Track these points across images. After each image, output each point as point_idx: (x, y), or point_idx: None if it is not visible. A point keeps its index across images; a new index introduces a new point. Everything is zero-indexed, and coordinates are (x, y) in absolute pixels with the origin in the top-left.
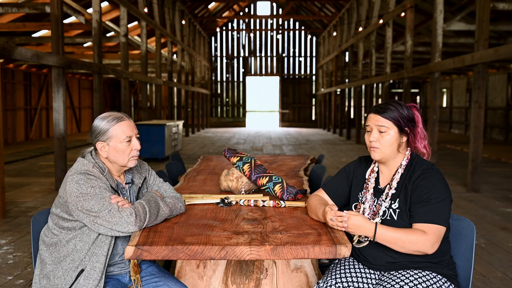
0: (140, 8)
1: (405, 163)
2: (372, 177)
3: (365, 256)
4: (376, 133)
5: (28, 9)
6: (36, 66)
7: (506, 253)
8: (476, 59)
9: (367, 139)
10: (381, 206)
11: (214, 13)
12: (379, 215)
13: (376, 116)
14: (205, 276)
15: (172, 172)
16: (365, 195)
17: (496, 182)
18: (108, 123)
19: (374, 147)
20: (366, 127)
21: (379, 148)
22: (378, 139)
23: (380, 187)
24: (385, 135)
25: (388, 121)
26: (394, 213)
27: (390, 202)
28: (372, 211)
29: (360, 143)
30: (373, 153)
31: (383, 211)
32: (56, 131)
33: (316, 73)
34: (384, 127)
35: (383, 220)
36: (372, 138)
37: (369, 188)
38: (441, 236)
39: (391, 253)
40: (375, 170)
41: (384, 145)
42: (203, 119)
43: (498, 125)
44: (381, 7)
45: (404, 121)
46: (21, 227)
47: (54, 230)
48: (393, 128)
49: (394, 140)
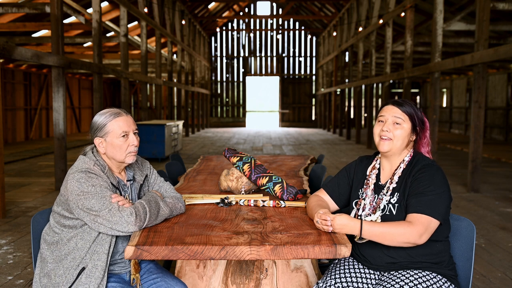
0: (140, 8)
1: (408, 159)
2: (373, 173)
3: (365, 256)
4: (391, 124)
5: (28, 9)
6: (36, 66)
7: (506, 253)
8: (476, 59)
9: (377, 129)
10: (382, 200)
11: (214, 13)
12: (380, 209)
13: (394, 108)
14: (205, 276)
15: (172, 172)
16: (366, 191)
17: (496, 182)
18: (106, 119)
19: (385, 138)
20: (379, 118)
21: (391, 140)
22: (391, 130)
23: (380, 183)
24: (399, 128)
25: (406, 115)
26: (394, 207)
27: (389, 197)
28: (372, 207)
29: (360, 143)
30: (383, 144)
31: (383, 205)
32: (56, 131)
33: (316, 73)
34: (400, 119)
35: (384, 215)
36: (386, 128)
37: (370, 184)
38: (431, 229)
39: (391, 253)
40: (376, 166)
41: (396, 137)
42: (203, 119)
43: (498, 125)
44: (381, 7)
45: (418, 120)
46: (21, 227)
47: (55, 228)
48: (408, 123)
49: (406, 135)
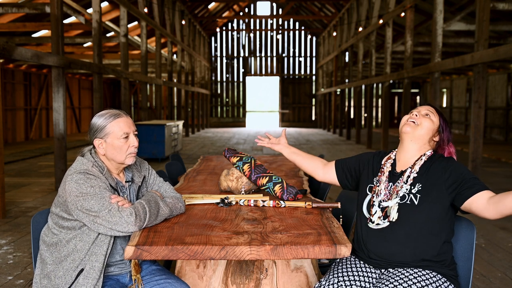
0: (140, 8)
1: (430, 154)
2: (388, 163)
3: (368, 251)
4: (422, 113)
5: (28, 9)
6: (36, 66)
7: (506, 253)
8: (476, 59)
9: (405, 117)
10: (401, 187)
11: (214, 13)
12: (398, 196)
13: (428, 107)
14: (205, 276)
15: (172, 172)
16: (380, 178)
17: (496, 182)
18: (106, 120)
19: (412, 120)
20: (412, 110)
21: (418, 125)
22: (421, 117)
23: (396, 171)
24: (428, 119)
25: (437, 114)
26: (415, 198)
27: (410, 187)
28: (388, 193)
29: (360, 143)
30: (407, 126)
31: (403, 195)
32: (56, 131)
33: (316, 73)
34: (431, 114)
35: (402, 204)
36: (416, 113)
37: (385, 172)
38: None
39: (394, 249)
40: (392, 157)
41: (422, 125)
42: (203, 119)
43: (498, 125)
44: (381, 7)
45: (445, 124)
46: (21, 227)
47: (54, 230)
48: (436, 118)
49: (431, 129)
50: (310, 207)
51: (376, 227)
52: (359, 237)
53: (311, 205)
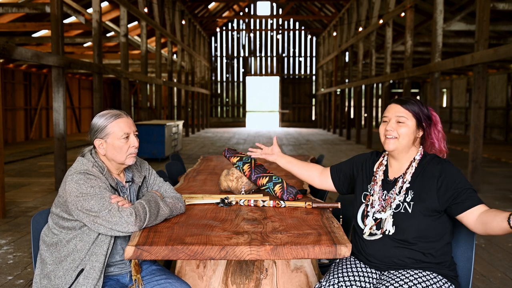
0: (140, 8)
1: (419, 158)
2: (380, 170)
3: (367, 255)
4: (394, 123)
5: (28, 9)
6: (36, 66)
7: (506, 253)
8: (476, 59)
9: (382, 129)
10: (394, 199)
11: (214, 13)
12: (391, 207)
13: (397, 106)
14: (205, 276)
15: (172, 172)
16: (374, 187)
17: (496, 182)
18: (106, 120)
19: (389, 137)
20: (384, 118)
21: (397, 138)
22: (395, 128)
23: (389, 179)
24: (403, 126)
25: (409, 112)
26: (409, 206)
27: (404, 196)
28: (382, 203)
29: (360, 143)
30: (388, 143)
31: (397, 204)
32: (56, 131)
33: (316, 73)
34: (403, 118)
35: (396, 213)
36: (389, 128)
37: (377, 181)
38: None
39: (392, 253)
40: (383, 163)
41: (401, 135)
42: (203, 119)
43: (498, 125)
44: (381, 7)
45: (423, 116)
46: (21, 227)
47: (54, 230)
48: (412, 120)
49: (411, 132)
50: (310, 207)
51: (370, 238)
52: (357, 242)
53: (311, 205)
